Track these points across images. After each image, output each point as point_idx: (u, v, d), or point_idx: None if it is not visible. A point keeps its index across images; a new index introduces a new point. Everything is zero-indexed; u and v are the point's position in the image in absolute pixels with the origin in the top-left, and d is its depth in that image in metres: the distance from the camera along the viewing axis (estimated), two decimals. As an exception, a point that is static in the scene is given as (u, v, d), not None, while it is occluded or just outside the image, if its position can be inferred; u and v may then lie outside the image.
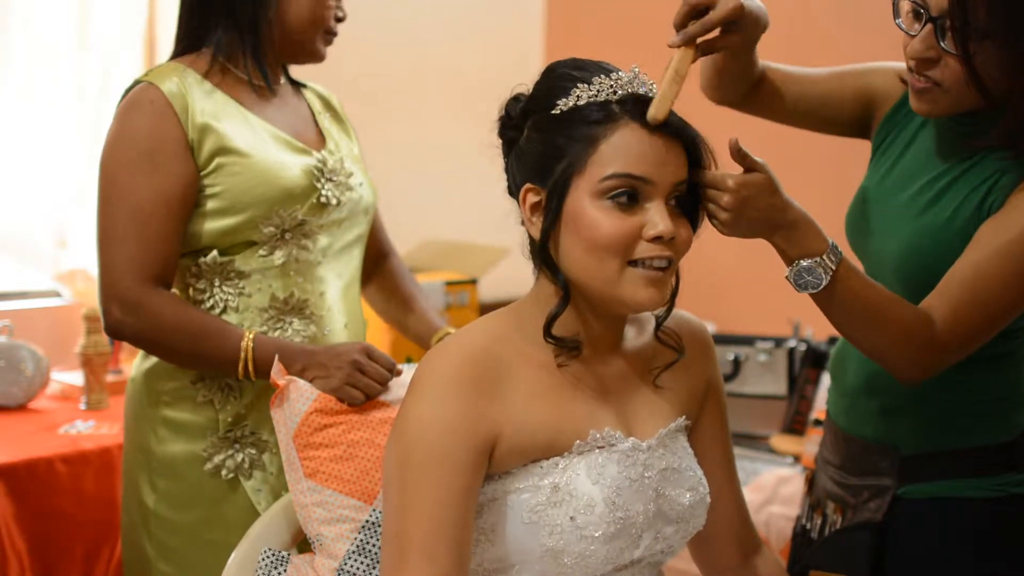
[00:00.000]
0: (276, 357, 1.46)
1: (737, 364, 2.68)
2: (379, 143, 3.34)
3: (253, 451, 1.62)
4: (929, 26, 1.31)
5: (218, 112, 1.59)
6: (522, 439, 1.18)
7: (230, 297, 1.61)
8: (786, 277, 1.29)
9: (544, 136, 1.20)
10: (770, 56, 1.64)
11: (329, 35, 1.68)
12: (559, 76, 1.22)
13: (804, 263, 1.27)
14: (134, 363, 1.71)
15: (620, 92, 1.18)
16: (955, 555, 1.47)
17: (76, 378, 2.58)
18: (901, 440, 1.50)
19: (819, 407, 2.62)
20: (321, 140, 1.73)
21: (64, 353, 2.72)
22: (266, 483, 1.62)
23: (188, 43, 1.67)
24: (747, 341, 2.72)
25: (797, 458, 2.40)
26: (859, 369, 1.49)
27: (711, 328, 2.93)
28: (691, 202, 1.22)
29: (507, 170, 1.27)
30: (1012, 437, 1.49)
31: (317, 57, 1.69)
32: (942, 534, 1.48)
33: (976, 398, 1.47)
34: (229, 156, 1.57)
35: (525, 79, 1.28)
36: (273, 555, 1.36)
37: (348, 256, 1.73)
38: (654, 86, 1.21)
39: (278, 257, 1.62)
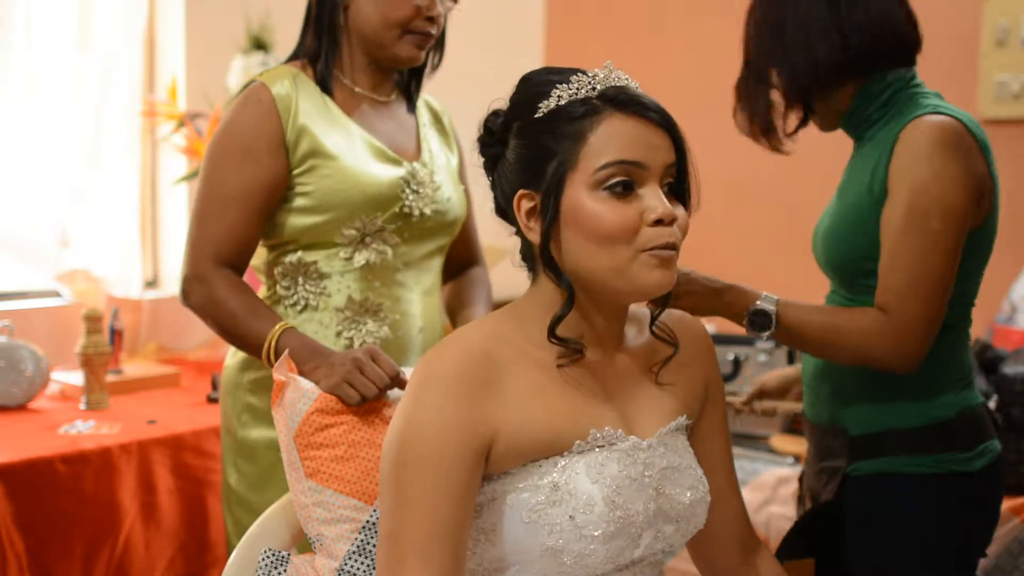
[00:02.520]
0: (286, 352, 1.47)
1: (737, 364, 2.68)
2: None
3: None
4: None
5: (320, 116, 1.69)
6: (521, 439, 1.18)
7: (311, 296, 1.72)
8: (747, 331, 1.57)
9: (530, 141, 1.22)
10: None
11: (413, 35, 1.71)
12: (536, 83, 1.24)
13: (751, 309, 1.56)
14: (228, 351, 1.83)
15: (599, 87, 1.20)
16: (899, 530, 1.57)
17: (76, 378, 2.58)
18: (850, 421, 1.60)
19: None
20: (417, 152, 1.81)
21: (64, 353, 2.72)
22: None
23: (300, 47, 1.78)
24: (747, 341, 2.72)
25: (797, 458, 2.40)
26: (812, 358, 1.55)
27: (711, 328, 2.93)
28: (680, 187, 1.23)
29: (493, 187, 1.28)
30: (951, 415, 1.59)
31: (402, 60, 1.74)
32: (887, 509, 1.59)
33: (915, 379, 1.57)
34: (321, 159, 1.68)
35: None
36: (273, 555, 1.36)
37: (429, 264, 1.81)
38: (629, 79, 1.23)
39: (358, 260, 1.71)
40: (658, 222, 1.17)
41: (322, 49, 1.74)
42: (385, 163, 1.73)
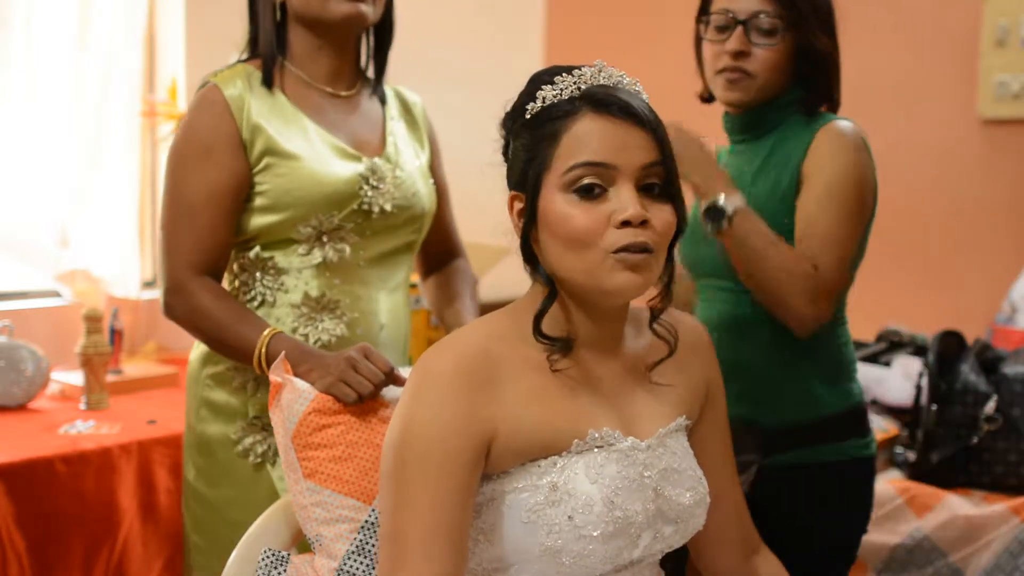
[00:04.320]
0: (282, 355, 1.47)
1: (737, 364, 2.67)
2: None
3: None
4: (740, 27, 1.67)
5: (273, 114, 1.67)
6: (519, 439, 1.18)
7: (268, 291, 1.70)
8: (701, 216, 1.61)
9: (519, 142, 1.23)
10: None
11: None
12: (532, 82, 1.24)
13: (715, 200, 1.58)
14: (193, 344, 1.81)
15: (583, 87, 1.20)
16: (816, 518, 1.69)
17: (76, 378, 2.58)
18: (762, 416, 1.69)
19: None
20: (381, 146, 1.77)
21: (64, 353, 2.72)
22: None
23: (252, 45, 1.76)
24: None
25: (797, 458, 2.40)
26: (725, 357, 1.57)
27: (711, 328, 2.92)
28: (673, 186, 1.21)
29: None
30: (854, 403, 1.72)
31: (340, 21, 1.67)
32: (802, 498, 1.70)
33: (821, 371, 1.70)
34: (276, 157, 1.66)
35: (525, 79, 1.29)
36: (273, 555, 1.36)
37: (395, 261, 1.79)
38: (623, 77, 1.22)
39: (315, 257, 1.69)
40: (625, 224, 1.16)
41: (269, 43, 1.71)
42: (343, 159, 1.71)
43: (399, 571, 1.13)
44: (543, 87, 1.21)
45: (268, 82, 1.70)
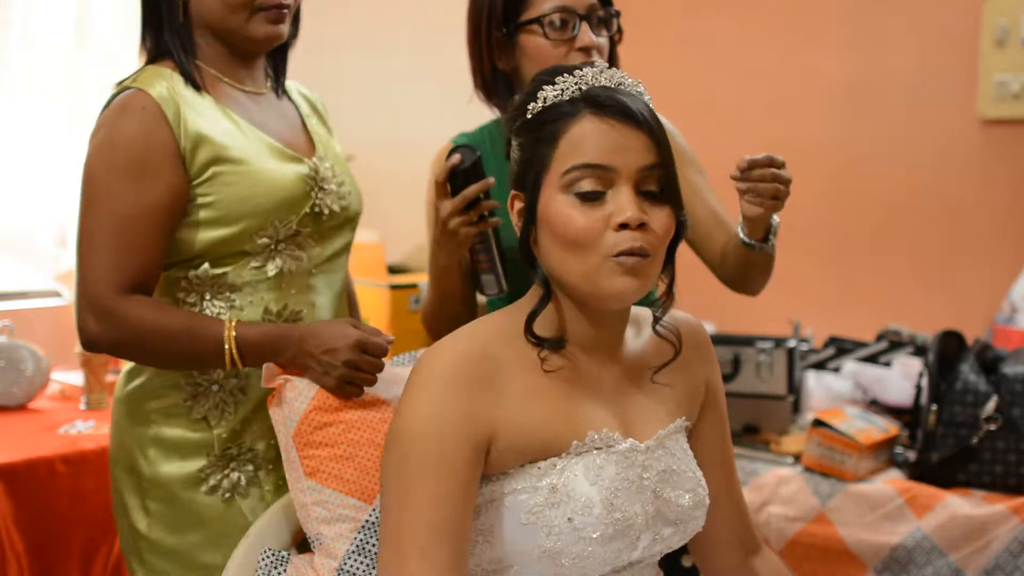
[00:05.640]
0: (267, 365, 1.42)
1: (737, 364, 2.67)
2: (377, 144, 3.34)
3: (250, 468, 1.58)
4: (584, 23, 1.68)
5: (208, 118, 1.53)
6: (519, 439, 1.18)
7: (221, 311, 1.55)
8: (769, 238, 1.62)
9: (520, 143, 1.23)
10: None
11: (264, 11, 1.55)
12: (534, 82, 1.24)
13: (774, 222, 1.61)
14: (117, 384, 1.65)
15: (584, 88, 1.19)
16: None
17: (76, 378, 2.58)
18: None
19: (816, 407, 2.63)
20: (311, 147, 1.67)
21: (64, 353, 2.72)
22: (263, 501, 1.58)
23: (152, 51, 1.60)
24: (747, 341, 2.71)
25: (797, 458, 2.40)
26: None
27: (711, 328, 2.93)
28: (671, 189, 1.21)
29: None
30: None
31: (260, 41, 1.57)
32: None
33: None
34: (224, 165, 1.52)
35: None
36: (273, 555, 1.35)
37: (337, 265, 1.68)
38: (625, 78, 1.22)
39: (271, 268, 1.56)
40: (623, 226, 1.16)
41: (173, 45, 1.55)
42: (286, 161, 1.58)
43: (400, 569, 1.13)
44: (544, 87, 1.21)
45: (195, 83, 1.55)
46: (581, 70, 1.21)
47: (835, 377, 2.70)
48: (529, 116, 1.22)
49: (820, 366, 2.81)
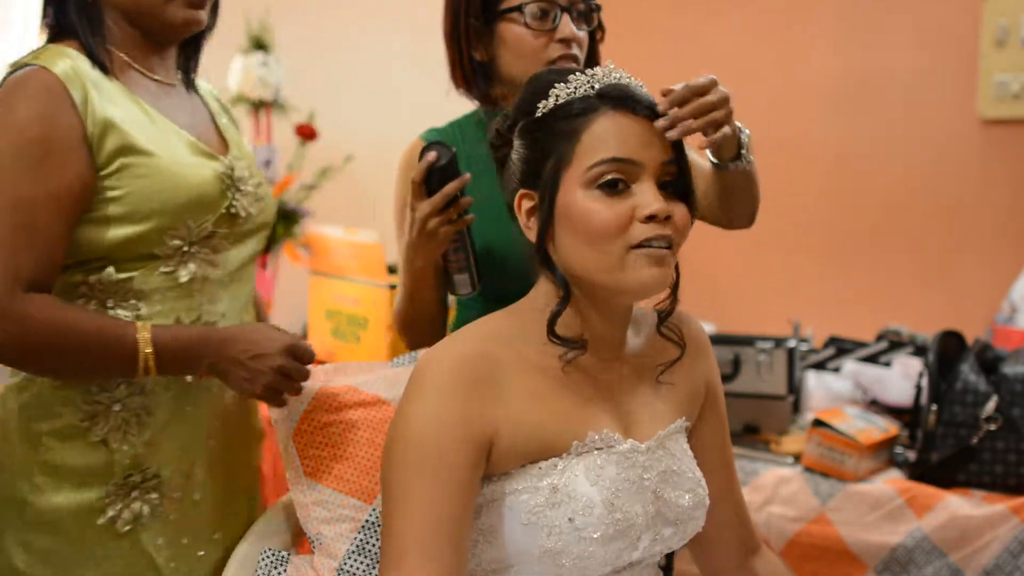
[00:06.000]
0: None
1: (737, 364, 2.67)
2: (377, 144, 3.33)
3: (155, 496, 1.42)
4: (565, 15, 1.64)
5: (118, 104, 1.39)
6: (520, 440, 1.18)
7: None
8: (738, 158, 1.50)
9: (530, 140, 1.23)
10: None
11: None
12: (539, 82, 1.25)
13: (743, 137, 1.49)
14: (2, 398, 1.45)
15: (598, 85, 1.20)
16: None
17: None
18: None
19: (816, 407, 2.63)
20: (224, 145, 1.55)
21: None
22: (164, 534, 1.43)
23: (53, 29, 1.45)
24: (747, 341, 2.71)
25: (797, 458, 2.40)
26: None
27: (711, 328, 2.93)
28: (683, 186, 1.22)
29: (503, 188, 1.29)
30: None
31: (179, 27, 1.45)
32: None
33: None
34: (134, 156, 1.37)
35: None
36: (273, 555, 1.35)
37: (247, 274, 1.55)
38: (631, 78, 1.23)
39: (183, 275, 1.42)
40: (650, 218, 1.17)
41: (80, 23, 1.41)
42: (201, 157, 1.45)
43: (401, 569, 1.13)
44: (556, 86, 1.21)
45: (103, 66, 1.40)
46: (592, 69, 1.22)
47: (835, 377, 2.70)
48: (539, 115, 1.22)
49: (820, 366, 2.81)
